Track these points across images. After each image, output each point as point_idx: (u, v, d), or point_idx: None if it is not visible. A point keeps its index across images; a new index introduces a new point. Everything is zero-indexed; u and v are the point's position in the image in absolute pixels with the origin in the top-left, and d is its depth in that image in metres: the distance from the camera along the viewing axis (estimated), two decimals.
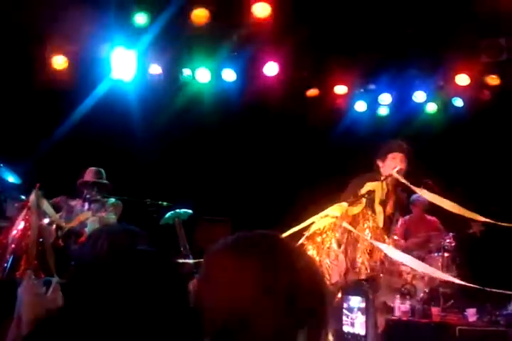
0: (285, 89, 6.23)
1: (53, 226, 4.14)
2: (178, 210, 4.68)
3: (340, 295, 3.23)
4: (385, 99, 6.56)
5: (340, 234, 3.38)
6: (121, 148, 5.80)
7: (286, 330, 1.13)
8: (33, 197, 3.61)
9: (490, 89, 6.08)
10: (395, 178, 3.56)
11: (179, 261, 4.04)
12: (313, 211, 3.50)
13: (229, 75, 6.26)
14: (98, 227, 2.78)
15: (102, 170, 4.88)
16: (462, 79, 6.05)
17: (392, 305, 5.06)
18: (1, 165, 4.47)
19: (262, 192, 6.39)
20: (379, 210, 3.48)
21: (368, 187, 3.45)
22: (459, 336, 4.81)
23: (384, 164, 3.77)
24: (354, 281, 3.30)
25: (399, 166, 3.67)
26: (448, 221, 5.13)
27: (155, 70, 6.14)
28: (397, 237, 5.16)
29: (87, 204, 4.69)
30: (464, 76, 6.03)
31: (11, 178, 4.47)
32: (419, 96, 6.41)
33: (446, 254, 5.36)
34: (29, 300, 1.65)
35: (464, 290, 4.62)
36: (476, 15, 5.16)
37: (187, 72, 6.23)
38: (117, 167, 5.25)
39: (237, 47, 5.80)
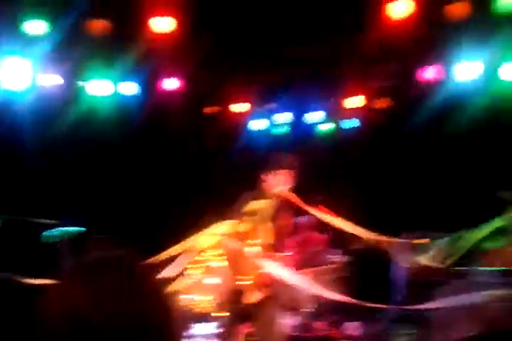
0: (184, 105, 6.23)
1: None
2: (65, 228, 4.49)
3: (227, 313, 3.24)
4: (283, 118, 6.77)
5: (227, 251, 3.41)
6: (8, 161, 5.50)
7: None
8: None
9: (380, 112, 6.44)
10: (284, 195, 3.59)
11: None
12: (200, 228, 3.51)
13: (128, 88, 6.16)
14: None
15: None
16: (354, 101, 6.38)
17: (281, 321, 5.14)
18: None
19: (155, 209, 6.31)
20: (267, 227, 3.55)
21: (257, 204, 3.52)
22: None
23: (270, 179, 3.66)
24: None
25: (286, 183, 3.66)
26: (338, 236, 5.32)
27: (51, 81, 5.92)
28: (289, 253, 5.27)
29: None
30: (357, 98, 6.36)
31: None
32: (315, 117, 6.68)
33: (335, 269, 5.55)
34: None
35: (350, 304, 4.79)
36: (367, 41, 5.47)
37: (84, 83, 6.07)
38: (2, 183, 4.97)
39: (138, 60, 5.73)
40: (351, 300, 4.57)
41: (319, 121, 6.78)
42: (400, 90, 6.09)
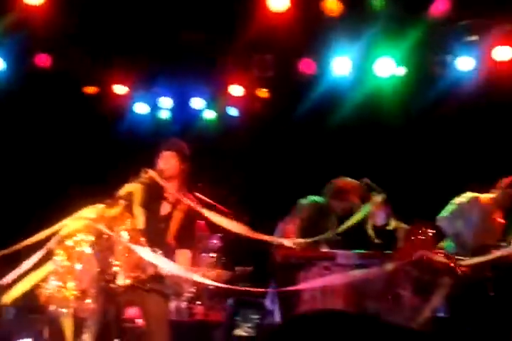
0: (60, 84, 5.93)
1: None
2: None
3: (90, 300, 3.13)
4: (165, 102, 6.65)
5: (95, 236, 3.30)
6: None
7: None
8: None
9: (261, 102, 6.56)
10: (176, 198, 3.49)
11: None
12: (70, 213, 3.38)
13: None
14: None
15: None
16: (236, 90, 6.42)
17: None
18: None
19: (30, 196, 6.02)
20: (138, 212, 3.48)
21: (127, 188, 3.43)
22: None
23: (157, 163, 3.57)
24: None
25: (162, 165, 3.55)
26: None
27: None
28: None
29: None
30: (238, 87, 6.41)
31: None
32: (197, 103, 6.63)
33: (213, 254, 5.63)
34: None
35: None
36: (251, 29, 5.53)
37: None
38: None
39: (6, 33, 5.34)
40: (224, 285, 4.66)
41: (203, 108, 6.75)
42: (279, 81, 6.23)
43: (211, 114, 6.82)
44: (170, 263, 3.34)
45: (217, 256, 5.67)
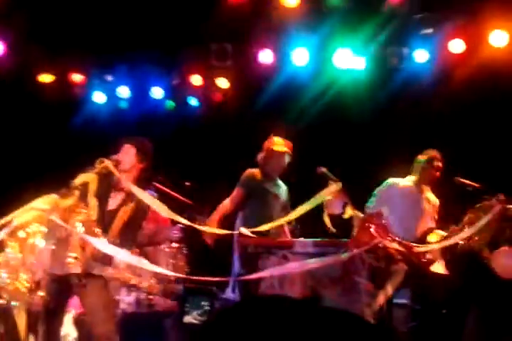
0: (15, 71, 5.76)
1: None
2: None
3: (42, 293, 3.08)
4: (123, 91, 6.54)
5: (48, 228, 3.25)
6: None
7: None
8: None
9: (221, 91, 6.53)
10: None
11: None
12: (23, 204, 3.31)
13: None
14: None
15: None
16: (195, 79, 6.37)
17: (117, 297, 5.08)
18: None
19: None
20: (93, 203, 3.43)
21: (82, 178, 3.38)
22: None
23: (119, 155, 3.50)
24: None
25: (119, 157, 3.54)
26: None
27: None
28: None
29: None
30: (197, 76, 6.36)
31: None
32: (157, 93, 6.55)
33: (174, 245, 5.61)
34: None
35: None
36: (211, 18, 5.49)
37: None
38: None
39: None
40: (182, 276, 4.66)
41: (163, 98, 6.68)
42: (239, 71, 6.22)
43: (171, 104, 6.75)
44: (126, 254, 3.32)
45: (178, 246, 5.66)
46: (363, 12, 5.66)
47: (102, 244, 3.27)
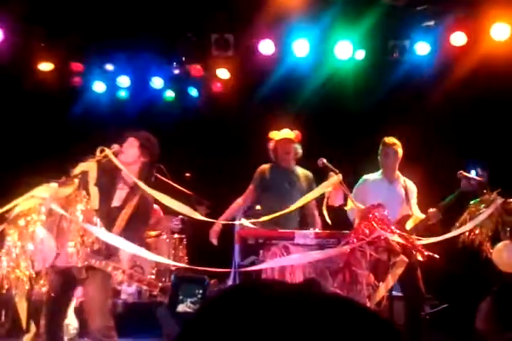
0: (14, 59, 5.71)
1: None
2: None
3: (42, 282, 3.05)
4: (123, 81, 6.50)
5: (48, 216, 3.22)
6: None
7: None
8: None
9: (221, 82, 6.49)
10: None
11: None
12: (24, 192, 3.28)
13: None
14: None
15: None
16: (196, 69, 6.32)
17: (118, 288, 5.08)
18: None
19: None
20: (94, 192, 3.40)
21: (82, 167, 3.35)
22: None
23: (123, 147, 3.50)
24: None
25: (122, 149, 3.52)
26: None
27: None
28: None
29: None
30: (197, 67, 6.31)
31: None
32: (157, 83, 6.51)
33: (175, 236, 5.62)
34: None
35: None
36: (212, 8, 5.44)
37: None
38: None
39: None
40: (183, 265, 4.65)
41: (163, 87, 6.64)
42: (240, 62, 6.17)
43: (171, 94, 6.71)
44: (127, 243, 3.30)
45: (178, 237, 5.66)
46: (365, 4, 5.62)
47: (102, 233, 3.25)
